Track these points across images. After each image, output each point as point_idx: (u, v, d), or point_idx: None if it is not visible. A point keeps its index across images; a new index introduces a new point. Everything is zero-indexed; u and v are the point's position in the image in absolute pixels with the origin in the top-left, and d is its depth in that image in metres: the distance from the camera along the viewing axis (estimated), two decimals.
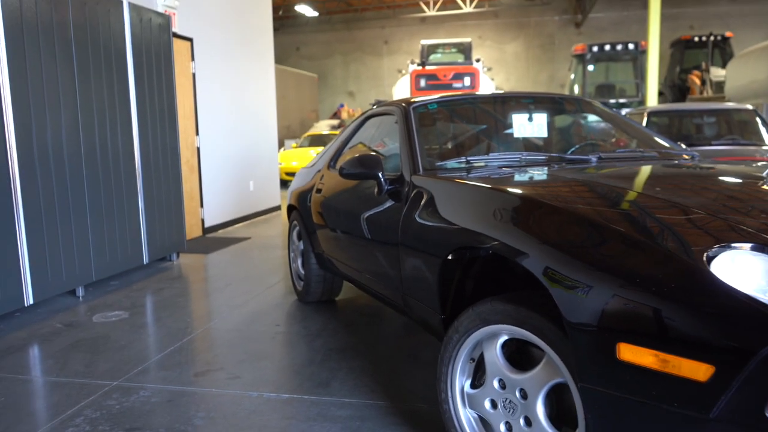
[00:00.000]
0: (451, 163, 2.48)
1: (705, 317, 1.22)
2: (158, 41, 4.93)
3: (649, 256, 1.36)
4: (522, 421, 1.68)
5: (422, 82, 10.32)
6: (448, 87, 10.23)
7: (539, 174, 2.18)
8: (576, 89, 11.85)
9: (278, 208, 8.89)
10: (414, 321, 2.44)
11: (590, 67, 12.07)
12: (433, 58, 11.49)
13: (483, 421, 1.86)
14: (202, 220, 6.61)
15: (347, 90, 21.21)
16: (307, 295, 3.87)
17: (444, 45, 11.58)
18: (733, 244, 1.34)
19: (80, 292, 4.21)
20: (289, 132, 16.93)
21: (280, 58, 21.28)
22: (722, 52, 14.35)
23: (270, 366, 2.89)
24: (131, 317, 3.74)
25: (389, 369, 2.81)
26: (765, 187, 1.88)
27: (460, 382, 1.89)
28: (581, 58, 11.81)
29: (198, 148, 6.44)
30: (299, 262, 3.98)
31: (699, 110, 6.40)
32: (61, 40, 3.90)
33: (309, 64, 21.19)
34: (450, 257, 2.04)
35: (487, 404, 1.79)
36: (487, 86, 12.08)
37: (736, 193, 1.79)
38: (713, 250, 1.32)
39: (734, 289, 1.22)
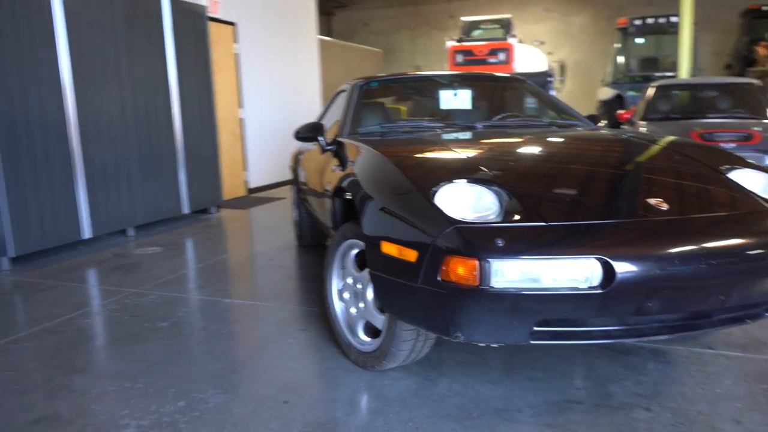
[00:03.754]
0: (368, 129, 3.22)
1: (418, 224, 1.93)
2: (194, 29, 5.88)
3: (406, 194, 2.07)
4: (361, 304, 2.44)
5: (459, 58, 10.84)
6: (484, 62, 10.68)
7: (420, 137, 2.88)
8: (619, 62, 11.88)
9: None
10: None
11: (639, 40, 12.05)
12: (476, 34, 11.92)
13: (347, 310, 2.63)
14: (246, 182, 7.61)
15: (414, 64, 21.74)
16: (302, 239, 4.72)
17: (485, 21, 11.98)
18: (454, 180, 2.03)
19: (131, 232, 5.29)
20: None
21: (348, 35, 22.10)
22: None
23: (248, 285, 3.77)
24: (164, 251, 4.75)
25: None
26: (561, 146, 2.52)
27: (337, 282, 2.66)
28: (624, 32, 11.83)
29: (242, 119, 7.42)
30: (296, 212, 4.83)
31: (703, 84, 6.65)
32: (113, 29, 4.90)
33: (377, 40, 21.87)
34: (347, 197, 2.79)
35: (347, 295, 2.56)
36: (536, 60, 12.34)
37: (520, 146, 2.45)
38: (439, 185, 2.02)
39: (437, 208, 1.93)
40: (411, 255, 1.93)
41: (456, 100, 3.58)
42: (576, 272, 1.73)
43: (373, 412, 2.16)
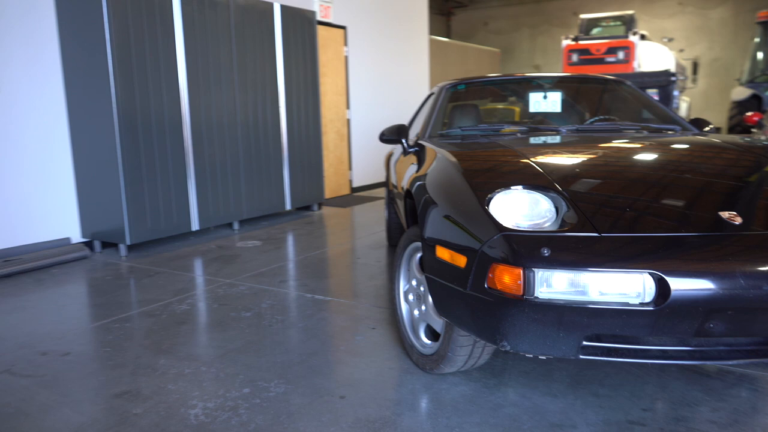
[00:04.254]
0: (449, 131, 3.20)
1: (470, 230, 1.91)
2: (304, 34, 6.13)
3: (463, 199, 2.05)
4: (423, 307, 2.45)
5: (574, 57, 10.34)
6: (601, 62, 10.11)
7: (496, 141, 2.82)
8: (759, 57, 10.70)
9: None
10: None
11: None
12: (595, 32, 11.32)
13: (411, 312, 2.64)
14: (350, 181, 7.82)
15: (533, 63, 21.19)
16: (391, 239, 4.79)
17: (606, 18, 11.31)
18: (511, 187, 1.98)
19: (236, 226, 5.63)
20: None
21: (467, 35, 21.97)
22: None
23: (332, 281, 3.89)
24: (262, 245, 5.01)
25: None
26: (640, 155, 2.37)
27: (404, 283, 2.68)
28: (764, 25, 10.65)
29: (348, 120, 7.63)
30: (387, 212, 4.90)
31: None
32: (227, 36, 5.25)
33: (497, 39, 21.56)
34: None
35: (411, 297, 2.58)
36: (662, 58, 11.56)
37: (594, 152, 2.33)
38: (494, 192, 1.98)
39: (489, 214, 1.89)
40: (461, 260, 1.92)
41: (545, 102, 3.47)
42: (627, 287, 1.63)
43: (423, 415, 2.16)
